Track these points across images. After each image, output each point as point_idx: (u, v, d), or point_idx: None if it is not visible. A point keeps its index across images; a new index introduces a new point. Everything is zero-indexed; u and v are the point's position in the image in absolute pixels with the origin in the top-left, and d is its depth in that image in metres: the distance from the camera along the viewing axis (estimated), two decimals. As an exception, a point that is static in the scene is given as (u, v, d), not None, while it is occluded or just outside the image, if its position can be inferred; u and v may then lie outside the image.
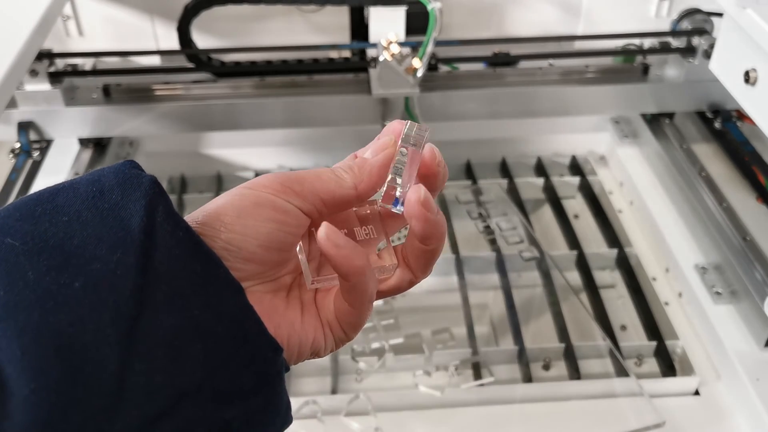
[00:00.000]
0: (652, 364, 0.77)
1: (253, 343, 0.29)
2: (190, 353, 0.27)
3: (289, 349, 0.33)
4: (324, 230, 0.30)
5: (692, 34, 0.96)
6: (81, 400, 0.24)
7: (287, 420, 0.32)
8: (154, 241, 0.28)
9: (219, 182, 1.04)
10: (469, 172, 1.06)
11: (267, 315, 0.32)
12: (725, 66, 0.71)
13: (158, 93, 0.98)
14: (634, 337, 0.82)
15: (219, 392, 0.27)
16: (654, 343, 0.77)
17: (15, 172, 0.94)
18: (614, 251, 0.90)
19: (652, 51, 0.99)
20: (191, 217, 0.31)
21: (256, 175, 1.05)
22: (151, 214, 0.28)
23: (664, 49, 0.98)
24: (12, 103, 0.93)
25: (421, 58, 0.86)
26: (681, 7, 1.01)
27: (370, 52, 1.00)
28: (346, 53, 1.06)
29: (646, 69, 1.00)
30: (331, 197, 0.33)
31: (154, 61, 1.08)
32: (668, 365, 0.75)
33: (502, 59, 1.02)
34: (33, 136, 0.97)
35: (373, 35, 1.00)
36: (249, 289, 0.32)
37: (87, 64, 1.04)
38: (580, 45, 1.10)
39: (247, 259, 0.31)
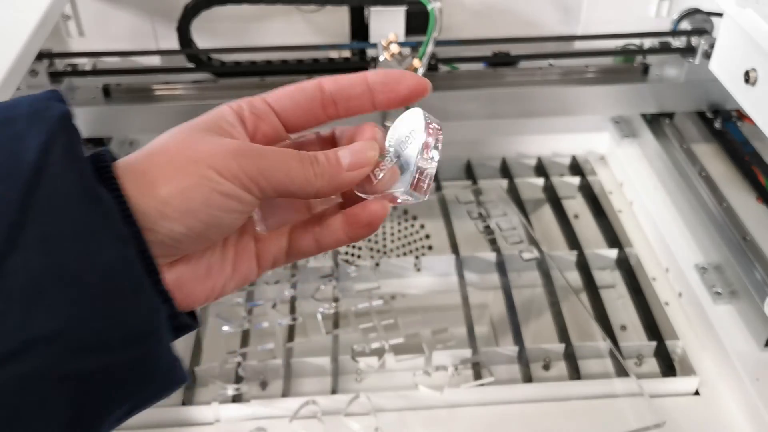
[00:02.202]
0: (652, 364, 0.77)
1: (129, 300, 0.28)
2: (54, 300, 0.25)
3: (217, 297, 0.33)
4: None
5: (692, 34, 0.96)
6: None
7: (172, 380, 0.30)
8: (41, 179, 0.26)
9: (219, 182, 1.04)
10: (469, 172, 1.06)
11: (203, 278, 0.32)
12: (725, 66, 0.71)
13: (158, 93, 0.98)
14: (634, 337, 0.82)
15: (81, 343, 0.26)
16: (654, 343, 0.77)
17: (15, 172, 0.94)
18: (614, 251, 0.90)
19: (652, 51, 0.99)
20: (148, 166, 0.30)
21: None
22: (47, 150, 0.27)
23: (664, 49, 0.98)
24: (12, 103, 0.93)
25: (421, 58, 0.86)
26: (681, 7, 1.01)
27: (370, 52, 1.00)
28: (346, 53, 1.06)
29: (646, 69, 1.00)
30: (289, 192, 0.32)
31: (154, 61, 1.08)
32: (668, 365, 0.75)
33: (502, 59, 1.02)
34: (33, 136, 0.97)
35: (373, 35, 1.00)
36: (187, 257, 0.32)
37: (87, 64, 1.04)
38: (580, 45, 1.09)
39: (192, 239, 0.30)
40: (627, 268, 0.89)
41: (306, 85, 0.35)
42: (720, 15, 0.73)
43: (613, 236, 0.93)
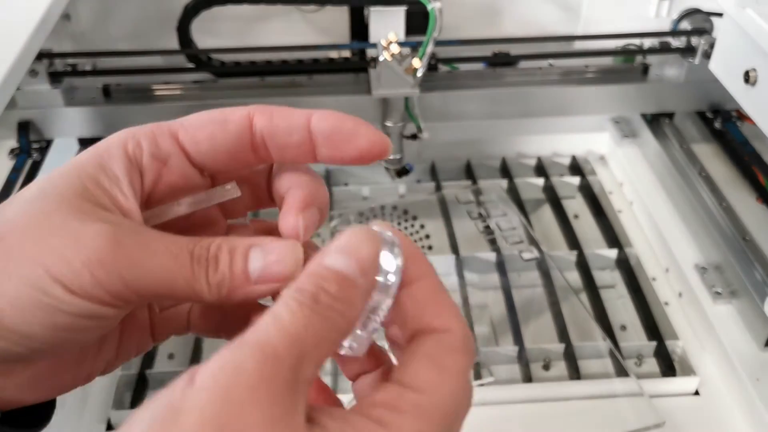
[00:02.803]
0: (652, 364, 0.77)
1: None
2: None
3: (88, 379, 0.28)
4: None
5: (692, 34, 0.96)
6: None
7: None
8: None
9: (219, 182, 1.04)
10: (469, 172, 1.06)
11: (72, 373, 0.26)
12: (725, 66, 0.71)
13: (158, 93, 0.98)
14: (634, 337, 0.82)
15: None
16: (654, 343, 0.77)
17: (15, 172, 0.94)
18: (614, 251, 0.90)
19: (652, 51, 0.99)
20: None
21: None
22: None
23: (664, 49, 0.98)
24: (12, 103, 0.93)
25: (421, 58, 0.86)
26: (681, 7, 1.01)
27: (370, 52, 1.00)
28: (346, 53, 1.06)
29: (646, 69, 1.00)
30: (167, 296, 0.24)
31: (154, 61, 1.08)
32: (668, 365, 0.75)
33: (502, 59, 1.02)
34: (33, 136, 0.97)
35: (373, 35, 1.00)
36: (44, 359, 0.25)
37: (87, 64, 1.04)
38: (580, 45, 1.09)
39: (34, 359, 0.24)
40: (627, 268, 0.89)
41: (231, 117, 0.27)
42: (720, 15, 0.73)
43: (613, 236, 0.93)
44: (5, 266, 0.22)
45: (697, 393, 0.72)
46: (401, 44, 0.86)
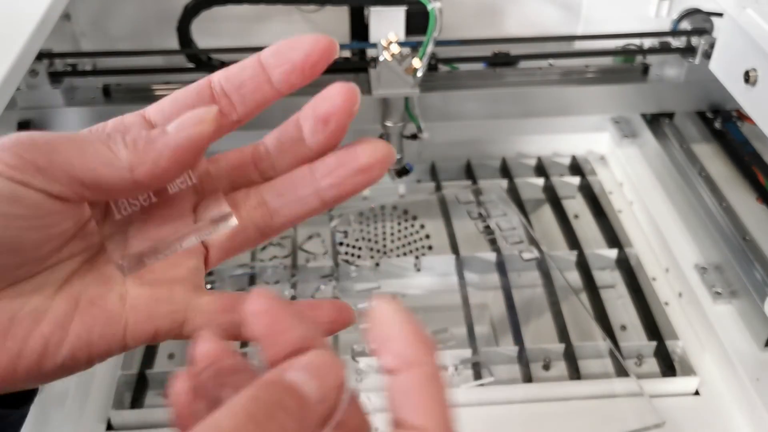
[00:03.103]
0: (652, 364, 0.77)
1: None
2: None
3: (41, 373, 0.25)
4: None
5: (692, 34, 0.96)
6: None
7: None
8: None
9: (219, 182, 1.04)
10: (469, 172, 1.06)
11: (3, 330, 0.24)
12: (725, 66, 0.71)
13: (158, 93, 0.98)
14: (634, 337, 0.82)
15: None
16: (654, 343, 0.77)
17: (15, 172, 0.94)
18: (614, 251, 0.90)
19: (652, 51, 0.99)
20: None
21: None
22: None
23: (664, 49, 0.98)
24: (12, 103, 0.93)
25: (421, 58, 0.86)
26: (681, 7, 1.01)
27: (370, 52, 1.00)
28: (346, 53, 1.06)
29: (646, 69, 1.00)
30: (93, 179, 0.24)
31: (154, 61, 1.08)
32: (668, 365, 0.75)
33: (502, 59, 1.02)
34: (33, 136, 0.97)
35: (373, 35, 1.00)
36: None
37: (87, 64, 1.04)
38: (580, 45, 1.09)
39: None
40: (627, 268, 0.89)
41: (192, 85, 0.28)
42: (720, 15, 0.73)
43: (613, 236, 0.93)
44: None
45: (697, 393, 0.72)
46: (401, 44, 0.86)
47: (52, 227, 0.24)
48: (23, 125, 0.96)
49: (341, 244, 0.97)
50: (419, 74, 0.87)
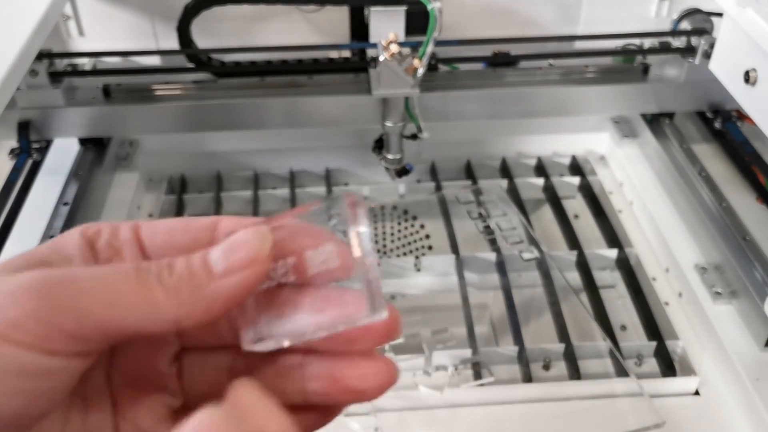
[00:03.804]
0: (652, 364, 0.77)
1: None
2: None
3: None
4: None
5: (692, 34, 0.96)
6: None
7: None
8: None
9: (219, 182, 1.04)
10: (469, 172, 1.06)
11: None
12: (725, 66, 0.71)
13: (158, 93, 0.98)
14: (634, 337, 0.82)
15: None
16: (654, 343, 0.77)
17: (15, 172, 0.94)
18: (614, 251, 0.90)
19: (652, 51, 0.99)
20: None
21: (255, 175, 1.06)
22: None
23: (664, 49, 0.98)
24: (12, 103, 0.93)
25: (421, 58, 0.86)
26: (681, 7, 1.01)
27: (370, 52, 1.00)
28: (346, 53, 1.06)
29: (646, 69, 1.00)
30: (131, 334, 0.20)
31: (154, 61, 1.08)
32: (668, 365, 0.75)
33: (502, 59, 1.02)
34: (33, 136, 0.97)
35: (373, 35, 1.00)
36: None
37: (87, 64, 1.04)
38: (580, 45, 1.09)
39: None
40: (627, 268, 0.89)
41: (197, 219, 0.24)
42: (720, 15, 0.73)
43: (613, 236, 0.93)
44: None
45: (697, 393, 0.72)
46: (401, 44, 0.86)
47: (68, 389, 0.21)
48: (23, 125, 0.96)
49: (341, 244, 0.97)
50: (419, 74, 0.87)
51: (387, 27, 0.97)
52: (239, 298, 0.21)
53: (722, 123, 0.99)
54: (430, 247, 0.99)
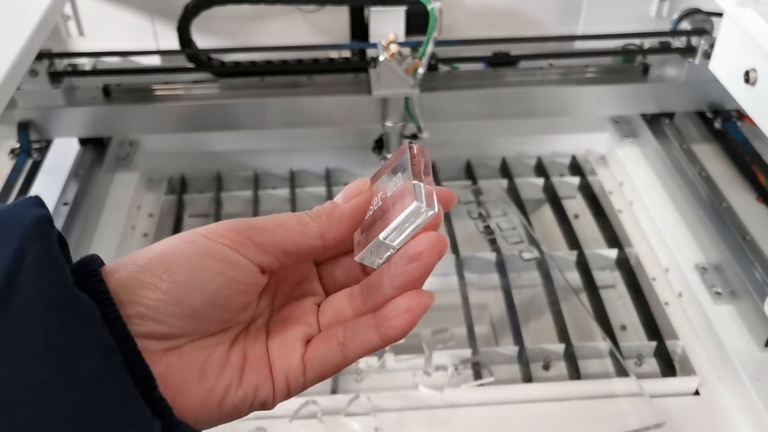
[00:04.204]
0: (652, 364, 0.77)
1: (116, 416, 0.25)
2: (32, 420, 0.23)
3: (225, 408, 0.30)
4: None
5: (692, 34, 0.96)
6: None
7: None
8: (14, 289, 0.24)
9: (219, 182, 1.04)
10: (469, 172, 1.06)
11: (199, 376, 0.29)
12: (725, 66, 0.71)
13: (158, 93, 0.98)
14: (634, 337, 0.82)
15: None
16: (654, 343, 0.77)
17: (15, 172, 0.94)
18: (614, 251, 0.90)
19: (652, 51, 0.99)
20: (133, 258, 0.28)
21: (255, 175, 1.06)
22: (19, 258, 0.25)
23: (664, 49, 0.98)
24: (12, 103, 0.93)
25: (421, 58, 0.86)
26: (681, 7, 1.01)
27: (370, 52, 1.00)
28: (346, 53, 1.06)
29: (646, 69, 1.00)
30: (294, 248, 0.30)
31: (154, 61, 1.08)
32: (668, 365, 0.75)
33: (502, 59, 1.02)
34: (33, 136, 0.97)
35: (373, 35, 1.00)
36: (181, 348, 0.29)
37: (87, 64, 1.04)
38: (580, 45, 1.09)
39: (187, 316, 0.28)
40: (627, 268, 0.89)
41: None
42: (720, 15, 0.73)
43: (613, 236, 0.93)
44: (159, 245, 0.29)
45: (697, 393, 0.72)
46: (401, 44, 0.86)
47: (252, 294, 0.31)
48: (23, 125, 0.96)
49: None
50: (419, 74, 0.87)
51: (387, 27, 0.98)
52: (357, 217, 0.31)
53: (722, 123, 0.99)
54: (430, 247, 0.99)
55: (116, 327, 0.26)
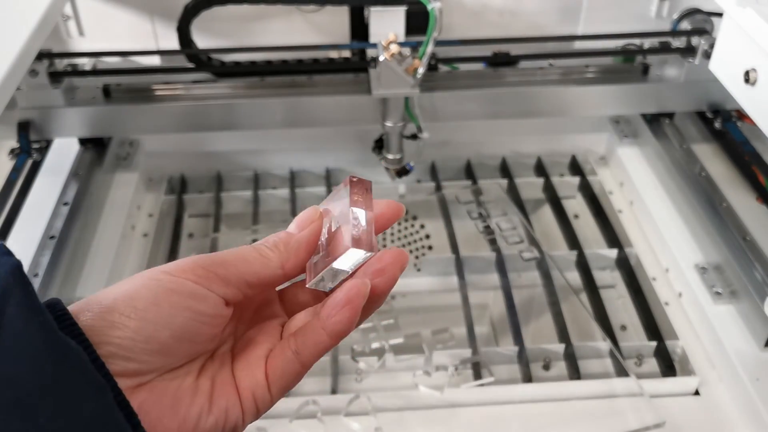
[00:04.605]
0: (652, 364, 0.77)
1: None
2: None
3: (185, 429, 0.30)
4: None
5: (692, 34, 0.96)
6: None
7: None
8: (2, 338, 0.25)
9: (219, 182, 1.04)
10: (469, 172, 1.06)
11: (171, 409, 0.30)
12: (725, 66, 0.71)
13: (158, 93, 0.98)
14: (634, 337, 0.82)
15: None
16: (654, 343, 0.77)
17: (15, 172, 0.94)
18: (614, 251, 0.90)
19: (652, 51, 0.99)
20: (98, 299, 0.29)
21: (255, 175, 1.06)
22: (1, 307, 0.25)
23: (664, 49, 0.98)
24: (12, 103, 0.93)
25: (421, 58, 0.86)
26: (681, 7, 1.01)
27: (370, 52, 1.00)
28: (346, 53, 1.06)
29: (646, 69, 1.00)
30: (257, 279, 0.32)
31: (154, 61, 1.08)
32: (668, 365, 0.75)
33: (502, 59, 1.02)
34: (33, 136, 0.97)
35: (373, 35, 1.00)
36: (151, 383, 0.30)
37: (87, 64, 1.04)
38: (580, 45, 1.09)
39: (156, 351, 0.29)
40: (627, 268, 0.89)
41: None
42: (720, 15, 0.73)
43: (613, 236, 0.93)
44: (124, 284, 0.30)
45: (697, 393, 0.72)
46: (401, 44, 0.86)
47: (219, 326, 0.32)
48: (23, 125, 0.96)
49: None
50: (419, 74, 0.87)
51: (387, 27, 0.97)
52: (313, 244, 0.33)
53: (722, 123, 0.99)
54: (430, 247, 0.99)
55: (97, 368, 0.27)
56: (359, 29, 1.05)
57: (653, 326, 0.80)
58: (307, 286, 0.33)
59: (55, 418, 0.25)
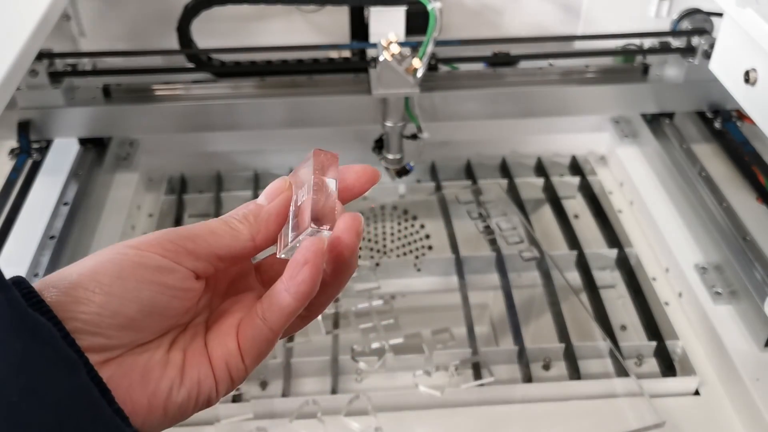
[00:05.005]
0: (652, 364, 0.77)
1: (90, 429, 0.26)
2: None
3: (169, 410, 0.30)
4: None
5: (692, 34, 0.96)
6: None
7: None
8: None
9: (219, 182, 1.04)
10: (469, 172, 1.06)
11: (140, 382, 0.29)
12: (725, 66, 0.71)
13: (158, 93, 0.98)
14: (634, 337, 0.82)
15: None
16: (654, 343, 0.77)
17: (15, 172, 0.94)
18: (614, 251, 0.90)
19: (652, 51, 0.99)
20: (62, 275, 0.29)
21: (255, 175, 1.06)
22: None
23: (664, 49, 0.98)
24: (12, 103, 0.93)
25: (421, 58, 0.86)
26: (681, 7, 1.01)
27: (370, 52, 1.00)
28: (346, 53, 1.06)
29: (646, 69, 1.00)
30: (227, 252, 0.31)
31: (154, 61, 1.08)
32: (668, 365, 0.75)
33: (502, 59, 1.02)
34: (33, 136, 0.97)
35: (373, 35, 1.00)
36: (119, 357, 0.29)
37: (87, 64, 1.04)
38: (580, 45, 1.09)
39: (123, 326, 0.29)
40: (627, 268, 0.89)
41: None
42: (720, 15, 0.73)
43: (613, 236, 0.93)
44: (90, 259, 0.30)
45: (697, 393, 0.72)
46: (401, 44, 0.86)
47: (191, 300, 0.31)
48: (23, 125, 0.96)
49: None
50: (419, 74, 0.87)
51: (387, 27, 0.98)
52: (283, 215, 0.33)
53: (722, 123, 0.99)
54: (430, 247, 0.99)
55: (69, 344, 0.27)
56: (359, 29, 1.05)
57: (653, 326, 0.80)
58: (277, 256, 0.33)
59: (27, 396, 0.24)
